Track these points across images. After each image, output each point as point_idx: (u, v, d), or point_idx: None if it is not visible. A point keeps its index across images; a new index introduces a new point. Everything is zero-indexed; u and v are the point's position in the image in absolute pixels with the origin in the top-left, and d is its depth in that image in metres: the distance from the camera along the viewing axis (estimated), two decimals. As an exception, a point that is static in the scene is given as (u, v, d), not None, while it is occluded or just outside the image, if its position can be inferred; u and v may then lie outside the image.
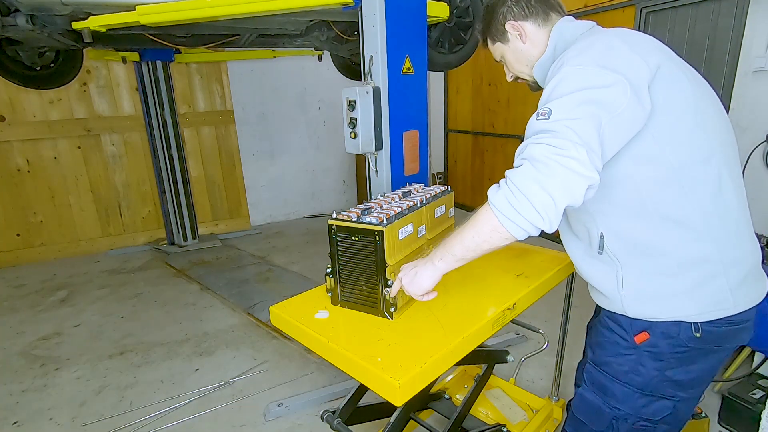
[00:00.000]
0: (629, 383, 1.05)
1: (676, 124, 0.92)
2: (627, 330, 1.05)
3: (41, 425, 2.14)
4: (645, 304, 1.01)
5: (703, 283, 0.96)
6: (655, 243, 0.97)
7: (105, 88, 4.35)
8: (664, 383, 1.02)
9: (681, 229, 0.94)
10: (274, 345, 2.74)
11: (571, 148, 0.81)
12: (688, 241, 0.95)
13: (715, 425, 1.97)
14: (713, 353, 1.02)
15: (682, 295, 0.97)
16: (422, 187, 1.51)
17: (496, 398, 1.95)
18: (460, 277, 1.43)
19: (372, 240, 1.15)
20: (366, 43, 1.87)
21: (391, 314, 1.18)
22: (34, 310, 3.35)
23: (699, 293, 0.97)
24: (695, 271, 0.96)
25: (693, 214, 0.94)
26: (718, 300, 0.97)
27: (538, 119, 0.88)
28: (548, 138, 0.83)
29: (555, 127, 0.84)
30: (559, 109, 0.86)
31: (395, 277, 1.15)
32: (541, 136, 0.85)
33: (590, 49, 0.94)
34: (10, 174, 4.12)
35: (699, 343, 0.99)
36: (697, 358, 1.01)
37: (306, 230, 5.16)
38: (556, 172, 0.81)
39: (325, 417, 1.42)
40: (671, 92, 0.92)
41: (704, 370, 1.04)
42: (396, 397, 0.93)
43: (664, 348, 1.00)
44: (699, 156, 0.93)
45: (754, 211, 1.05)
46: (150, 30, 2.59)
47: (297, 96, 5.31)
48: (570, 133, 0.82)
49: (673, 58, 0.97)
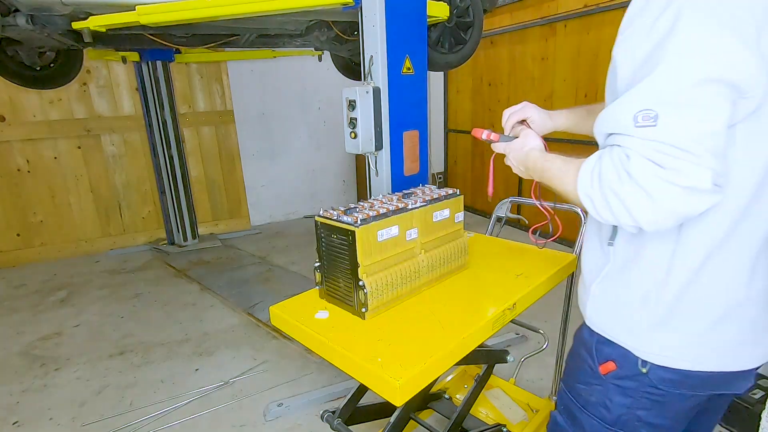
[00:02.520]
0: (598, 417, 0.92)
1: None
2: (592, 356, 0.93)
3: (41, 425, 2.14)
4: (599, 311, 0.91)
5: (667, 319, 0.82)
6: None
7: (105, 88, 4.36)
8: (636, 424, 0.88)
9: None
10: (274, 345, 2.74)
11: (693, 173, 0.64)
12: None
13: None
14: (693, 398, 0.86)
15: (637, 320, 0.85)
16: (430, 189, 1.48)
17: (496, 398, 1.95)
18: (460, 277, 1.43)
19: (347, 239, 1.16)
20: (366, 43, 1.87)
21: (363, 314, 1.19)
22: (34, 310, 3.35)
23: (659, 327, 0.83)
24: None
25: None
26: (669, 345, 0.82)
27: (639, 126, 0.67)
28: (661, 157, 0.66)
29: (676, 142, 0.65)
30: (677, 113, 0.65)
31: (367, 278, 1.15)
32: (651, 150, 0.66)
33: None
34: (10, 174, 4.12)
35: (668, 386, 0.84)
36: (674, 401, 0.86)
37: (306, 230, 5.16)
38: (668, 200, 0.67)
39: (325, 417, 1.42)
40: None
41: (682, 417, 0.90)
42: (396, 397, 0.93)
43: (631, 384, 0.87)
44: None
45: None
46: (150, 30, 2.59)
47: (297, 96, 5.31)
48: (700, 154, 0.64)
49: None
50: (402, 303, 1.27)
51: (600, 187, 0.72)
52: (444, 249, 1.38)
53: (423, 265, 1.32)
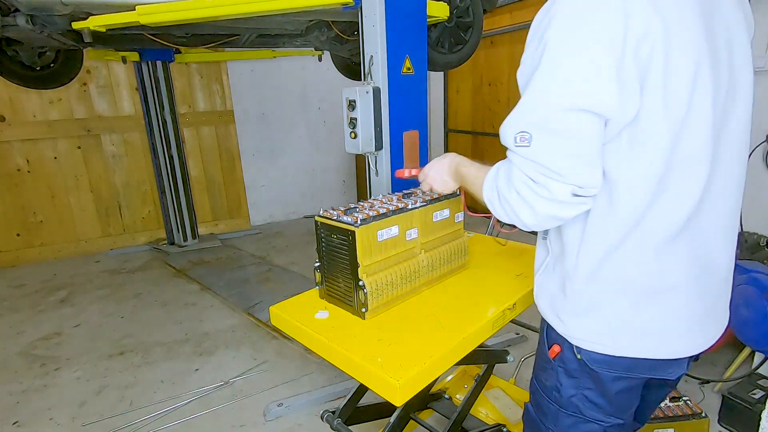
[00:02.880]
0: (553, 400, 0.98)
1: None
2: (544, 341, 1.00)
3: (41, 425, 2.14)
4: (541, 300, 0.99)
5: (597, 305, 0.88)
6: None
7: (105, 88, 4.35)
8: (586, 404, 0.94)
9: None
10: (274, 345, 2.74)
11: (555, 189, 0.80)
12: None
13: (715, 425, 1.97)
14: (630, 379, 0.91)
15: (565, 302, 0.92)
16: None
17: (496, 398, 1.95)
18: (460, 277, 1.43)
19: (347, 239, 1.16)
20: (366, 43, 1.87)
21: (363, 314, 1.19)
22: (34, 310, 3.35)
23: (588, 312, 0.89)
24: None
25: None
26: (590, 330, 0.89)
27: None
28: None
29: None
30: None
31: (367, 278, 1.16)
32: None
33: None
34: (10, 174, 4.12)
35: (602, 368, 0.90)
36: (612, 382, 0.91)
37: (306, 230, 5.16)
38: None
39: (325, 417, 1.42)
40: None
41: (625, 397, 0.94)
42: (396, 397, 0.93)
43: (574, 366, 0.93)
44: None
45: (754, 211, 1.03)
46: (150, 30, 2.59)
47: (297, 96, 5.31)
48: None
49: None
50: (402, 303, 1.28)
51: (497, 193, 0.86)
52: (444, 249, 1.38)
53: (423, 265, 1.32)
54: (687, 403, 1.81)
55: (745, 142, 0.88)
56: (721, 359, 2.39)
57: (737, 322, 1.97)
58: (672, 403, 1.81)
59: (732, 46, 0.80)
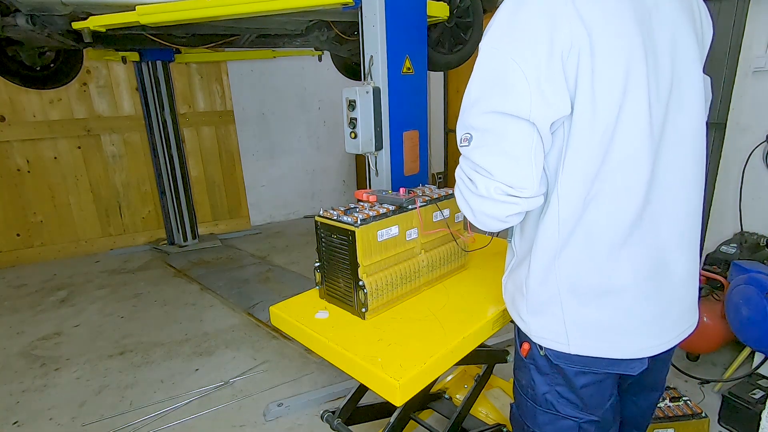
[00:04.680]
0: (530, 398, 0.99)
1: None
2: (516, 341, 1.03)
3: (41, 425, 2.14)
4: (505, 294, 1.04)
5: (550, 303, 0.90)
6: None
7: (105, 88, 4.35)
8: (559, 401, 0.95)
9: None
10: (274, 345, 2.74)
11: (485, 187, 0.85)
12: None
13: (715, 425, 1.97)
14: (593, 374, 0.92)
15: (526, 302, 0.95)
16: (430, 189, 1.48)
17: (496, 398, 1.95)
18: (460, 278, 1.43)
19: (347, 239, 1.16)
20: (366, 43, 1.87)
21: (363, 314, 1.19)
22: (34, 310, 3.35)
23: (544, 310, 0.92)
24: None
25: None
26: (545, 328, 0.92)
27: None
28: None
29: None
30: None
31: (367, 278, 1.17)
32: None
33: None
34: (10, 174, 4.12)
35: (565, 363, 0.91)
36: (577, 377, 0.92)
37: (306, 230, 5.16)
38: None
39: (325, 417, 1.42)
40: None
41: (592, 391, 0.94)
42: (396, 397, 0.93)
43: (543, 362, 0.95)
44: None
45: (755, 211, 1.03)
46: (150, 30, 2.59)
47: (297, 96, 5.31)
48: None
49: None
50: (402, 303, 1.28)
51: (456, 188, 0.92)
52: (444, 249, 1.39)
53: (423, 265, 1.32)
54: (687, 403, 1.81)
55: (699, 140, 0.89)
56: (721, 359, 2.39)
57: (737, 322, 1.97)
58: (672, 403, 1.81)
59: (676, 44, 0.82)
